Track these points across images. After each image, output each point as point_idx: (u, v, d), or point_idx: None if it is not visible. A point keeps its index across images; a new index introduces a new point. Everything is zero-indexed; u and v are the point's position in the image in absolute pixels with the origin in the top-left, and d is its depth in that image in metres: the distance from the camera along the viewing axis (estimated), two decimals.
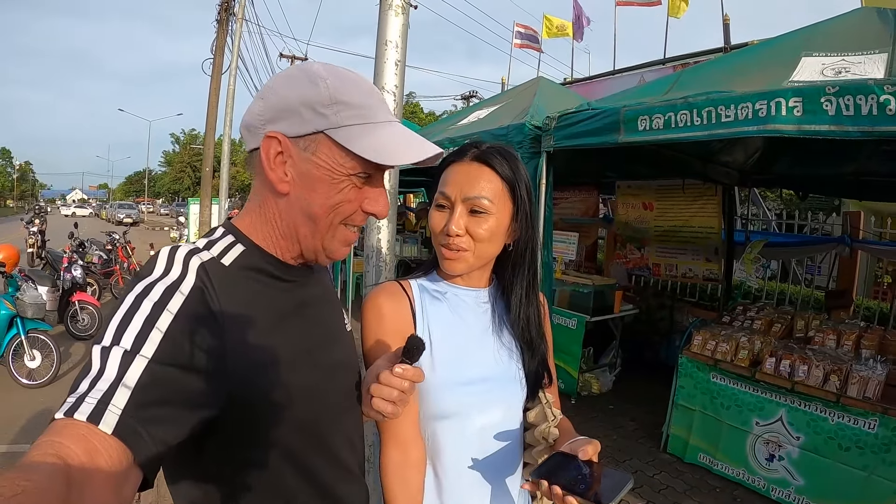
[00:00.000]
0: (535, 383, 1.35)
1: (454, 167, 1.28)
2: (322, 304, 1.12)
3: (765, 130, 3.01)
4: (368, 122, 0.93)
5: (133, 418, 0.71)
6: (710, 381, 4.24)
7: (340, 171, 0.93)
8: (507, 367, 1.32)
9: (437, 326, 1.31)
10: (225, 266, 0.93)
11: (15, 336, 5.82)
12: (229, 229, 1.00)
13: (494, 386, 1.29)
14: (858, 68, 2.94)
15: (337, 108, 0.91)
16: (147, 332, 0.78)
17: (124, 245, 11.57)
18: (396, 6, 2.55)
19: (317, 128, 0.91)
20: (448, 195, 1.26)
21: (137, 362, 0.75)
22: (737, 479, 4.07)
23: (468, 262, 1.27)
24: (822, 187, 6.80)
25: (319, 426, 1.03)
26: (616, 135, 3.82)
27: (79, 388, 0.73)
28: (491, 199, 1.23)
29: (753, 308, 5.00)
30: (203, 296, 0.86)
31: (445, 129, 6.52)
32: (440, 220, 1.27)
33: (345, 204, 0.96)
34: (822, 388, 3.64)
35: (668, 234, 6.83)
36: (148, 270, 0.87)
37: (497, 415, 1.30)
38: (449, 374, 1.26)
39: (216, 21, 15.78)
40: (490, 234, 1.24)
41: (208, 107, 15.79)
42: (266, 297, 0.96)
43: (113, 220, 40.81)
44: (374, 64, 2.64)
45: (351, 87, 0.93)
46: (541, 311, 1.40)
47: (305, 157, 0.93)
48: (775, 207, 12.42)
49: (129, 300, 0.82)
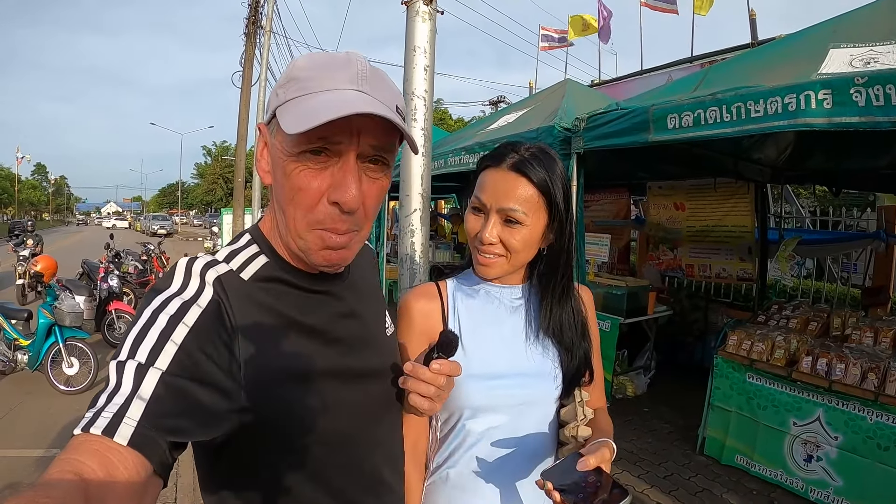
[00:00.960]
0: (572, 381, 1.33)
1: (491, 173, 1.26)
2: (356, 312, 1.06)
3: (795, 125, 2.97)
4: (307, 93, 0.84)
5: (148, 429, 0.72)
6: (747, 381, 4.18)
7: (286, 153, 0.87)
8: (541, 363, 1.31)
9: (467, 322, 1.32)
10: (243, 280, 0.92)
11: (53, 344, 5.98)
12: (254, 235, 0.99)
13: (526, 382, 1.29)
14: (887, 58, 2.89)
15: (288, 85, 0.86)
16: (162, 345, 0.78)
17: (159, 255, 11.87)
18: (424, 12, 2.60)
19: (271, 109, 0.89)
20: (483, 202, 1.25)
21: (151, 374, 0.75)
22: (775, 480, 4.00)
23: (502, 268, 1.28)
24: (856, 182, 6.67)
25: (351, 440, 1.00)
26: (646, 134, 3.81)
27: (97, 404, 0.74)
28: (525, 210, 1.22)
29: (789, 307, 4.92)
30: (219, 309, 0.85)
31: (475, 135, 6.54)
32: (475, 225, 1.27)
33: (299, 193, 0.87)
34: (859, 387, 3.57)
35: (700, 234, 6.76)
36: (165, 284, 0.87)
37: (528, 411, 1.30)
38: (478, 367, 1.26)
39: (244, 34, 16.04)
40: (523, 245, 1.24)
41: (239, 119, 16.05)
42: (286, 311, 0.93)
43: (147, 232, 41.61)
44: (403, 70, 2.69)
45: (313, 63, 0.88)
46: (580, 311, 1.37)
47: (272, 143, 0.91)
48: (808, 205, 12.21)
49: (145, 314, 0.82)
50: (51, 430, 5.04)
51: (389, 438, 1.12)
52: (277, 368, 0.89)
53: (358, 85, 0.86)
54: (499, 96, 28.93)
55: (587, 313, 1.41)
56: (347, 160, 0.87)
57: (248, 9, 15.83)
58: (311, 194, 0.87)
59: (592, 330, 1.41)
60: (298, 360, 0.92)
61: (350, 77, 0.86)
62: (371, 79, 0.87)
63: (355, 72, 0.86)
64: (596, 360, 1.40)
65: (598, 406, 1.42)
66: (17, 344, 6.05)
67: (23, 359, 6.05)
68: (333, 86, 0.85)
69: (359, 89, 0.85)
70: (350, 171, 0.86)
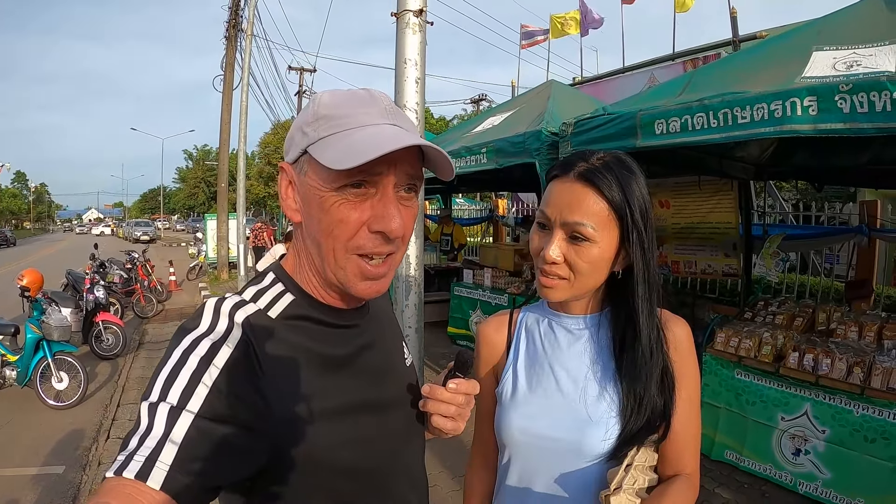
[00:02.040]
0: (635, 436, 1.12)
1: (557, 184, 1.14)
2: (379, 343, 1.07)
3: (781, 131, 3.02)
4: (344, 130, 0.86)
5: (181, 472, 0.72)
6: (735, 377, 4.25)
7: (324, 188, 0.87)
8: (593, 409, 1.14)
9: (522, 356, 1.25)
10: (272, 318, 0.92)
11: (42, 359, 5.94)
12: (278, 274, 0.99)
13: (566, 426, 1.15)
14: (870, 61, 2.94)
15: (318, 123, 0.88)
16: (193, 387, 0.79)
17: (144, 263, 11.76)
18: (414, 24, 2.60)
19: (301, 147, 0.89)
20: (548, 216, 1.13)
21: (184, 418, 0.76)
22: (764, 474, 4.07)
23: (565, 292, 1.14)
24: (838, 178, 6.76)
25: (378, 472, 1.00)
26: (633, 139, 3.84)
27: (129, 446, 0.74)
28: (595, 225, 1.08)
29: (774, 302, 5.00)
30: (248, 350, 0.85)
31: (460, 137, 6.55)
32: (538, 243, 1.15)
33: (339, 225, 0.87)
34: (846, 381, 3.64)
35: (685, 231, 6.82)
36: (194, 324, 0.87)
37: (568, 461, 1.15)
38: (522, 402, 1.21)
39: (225, 38, 15.95)
40: (591, 266, 1.10)
41: (221, 123, 15.98)
42: (314, 348, 0.94)
43: (130, 238, 41.25)
44: (395, 82, 2.70)
45: (340, 101, 0.90)
46: (662, 353, 1.15)
47: (302, 181, 0.91)
48: (791, 198, 12.34)
49: (175, 354, 0.83)
50: (44, 446, 5.02)
51: (413, 465, 1.12)
52: (306, 406, 0.89)
53: (390, 119, 0.90)
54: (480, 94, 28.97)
55: (678, 355, 1.18)
56: (386, 191, 0.88)
57: (228, 12, 15.74)
58: (352, 225, 0.88)
59: (685, 374, 1.18)
60: (326, 396, 0.92)
61: (380, 112, 0.89)
62: (397, 113, 0.92)
63: (383, 108, 0.90)
64: (687, 412, 1.17)
65: (676, 472, 1.19)
66: (5, 360, 6.00)
67: (11, 375, 5.99)
68: (370, 121, 0.88)
69: (394, 123, 0.89)
70: (390, 200, 0.88)
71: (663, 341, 1.16)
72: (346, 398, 0.96)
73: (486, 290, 7.45)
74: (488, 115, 7.09)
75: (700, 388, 1.24)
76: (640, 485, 1.10)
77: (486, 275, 7.52)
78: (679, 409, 1.15)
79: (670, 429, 1.15)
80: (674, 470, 1.18)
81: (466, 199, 18.18)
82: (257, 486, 0.89)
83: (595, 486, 1.12)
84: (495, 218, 13.77)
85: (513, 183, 10.24)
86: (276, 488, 0.89)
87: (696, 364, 1.22)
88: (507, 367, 1.27)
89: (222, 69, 16.15)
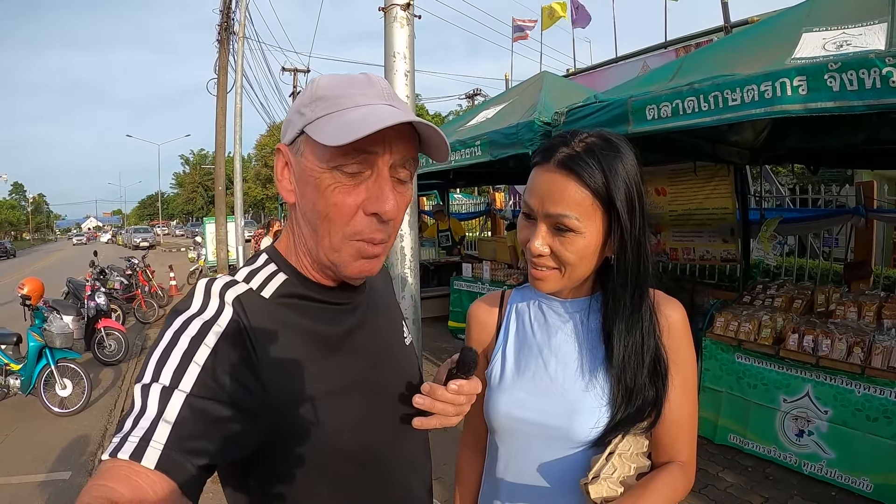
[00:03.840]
0: (620, 424, 1.08)
1: (539, 172, 1.08)
2: (375, 322, 1.07)
3: (772, 112, 3.02)
4: (340, 109, 0.87)
5: (175, 451, 0.73)
6: (735, 361, 4.26)
7: (319, 168, 0.87)
8: (580, 396, 1.11)
9: (514, 336, 1.23)
10: (265, 298, 0.92)
11: (45, 367, 5.93)
12: (271, 255, 0.99)
13: (552, 412, 1.12)
14: (859, 40, 2.94)
15: (315, 104, 0.88)
16: (185, 367, 0.79)
17: (144, 269, 11.76)
18: (402, 17, 2.60)
19: (298, 128, 0.90)
20: (531, 206, 1.08)
21: (176, 397, 0.77)
22: (768, 456, 4.09)
23: (557, 283, 1.11)
24: (834, 159, 6.76)
25: (378, 455, 1.00)
26: (625, 126, 3.84)
27: (124, 428, 0.75)
28: (579, 216, 1.03)
29: (773, 286, 5.01)
30: (239, 328, 0.85)
31: (454, 131, 6.55)
32: (525, 234, 1.11)
33: (334, 208, 0.88)
34: (846, 361, 3.65)
35: (682, 217, 6.82)
36: (185, 305, 0.88)
37: (554, 447, 1.13)
38: (508, 385, 1.19)
39: (217, 41, 15.91)
40: (579, 257, 1.06)
41: (216, 126, 15.93)
42: (308, 327, 0.94)
43: (130, 245, 41.27)
44: (384, 76, 2.70)
45: (338, 83, 0.90)
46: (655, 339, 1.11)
47: (297, 161, 0.91)
48: (788, 182, 12.34)
49: (167, 336, 0.83)
50: (49, 453, 5.02)
51: (415, 451, 1.11)
52: (300, 385, 0.89)
53: (387, 101, 0.90)
54: (474, 89, 28.93)
55: (672, 339, 1.14)
56: (381, 172, 0.88)
57: (220, 15, 15.70)
58: (347, 209, 0.88)
59: (680, 359, 1.13)
60: (321, 375, 0.92)
61: (377, 94, 0.90)
62: (394, 96, 0.93)
63: (380, 89, 0.91)
64: (680, 399, 1.12)
65: (669, 459, 1.13)
66: (9, 369, 6.00)
67: (15, 383, 6.00)
68: (366, 101, 0.88)
69: (389, 104, 0.90)
70: (385, 181, 0.88)
71: (655, 325, 1.12)
72: (340, 376, 0.95)
73: (485, 283, 7.47)
74: (482, 109, 7.09)
75: (696, 374, 1.20)
76: (626, 472, 1.07)
77: (484, 268, 7.54)
78: (672, 396, 1.10)
79: (662, 416, 1.10)
80: (667, 457, 1.13)
81: (464, 193, 18.20)
82: (254, 467, 0.89)
83: (583, 472, 1.08)
84: (493, 211, 13.78)
85: (509, 176, 10.23)
86: (272, 468, 0.90)
87: (692, 348, 1.17)
88: (497, 350, 1.25)
89: (216, 72, 16.08)
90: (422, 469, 1.13)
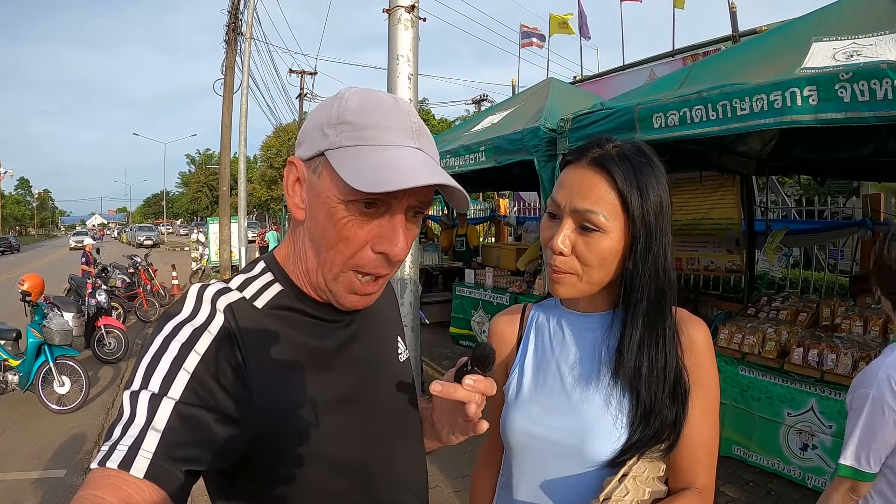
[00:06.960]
0: (635, 445, 1.04)
1: (570, 170, 1.07)
2: (366, 338, 1.04)
3: (782, 122, 2.98)
4: (368, 144, 0.83)
5: (164, 460, 0.73)
6: (739, 374, 4.21)
7: (336, 198, 0.84)
8: (598, 415, 1.07)
9: (530, 354, 1.20)
10: (257, 308, 0.91)
11: (43, 363, 5.94)
12: (269, 264, 0.98)
13: (567, 431, 1.09)
14: (870, 50, 2.91)
15: (341, 127, 0.85)
16: (175, 374, 0.79)
17: (146, 267, 11.76)
18: (406, 20, 2.58)
19: (319, 149, 0.86)
20: (558, 202, 1.06)
21: (165, 404, 0.76)
22: (772, 469, 4.03)
23: (574, 288, 1.07)
24: (841, 171, 6.72)
25: (366, 469, 0.98)
26: (632, 133, 3.79)
27: (112, 436, 0.75)
28: (607, 214, 1.00)
29: (778, 298, 4.96)
30: (230, 337, 0.85)
31: (460, 137, 6.53)
32: (548, 232, 1.08)
33: (344, 242, 0.86)
34: (851, 376, 3.59)
35: (687, 227, 6.78)
36: (176, 310, 0.87)
37: (569, 466, 1.09)
38: (524, 402, 1.16)
39: (224, 42, 15.97)
40: (600, 259, 1.03)
41: (222, 126, 15.99)
42: (300, 339, 0.92)
43: (134, 243, 41.40)
44: (387, 79, 2.67)
45: (366, 107, 0.86)
46: (675, 358, 1.07)
47: (313, 181, 0.88)
48: (794, 193, 12.28)
49: (157, 341, 0.83)
50: (46, 450, 5.02)
51: (407, 466, 1.08)
52: (288, 397, 0.89)
53: (415, 141, 0.87)
54: (481, 94, 29.00)
55: (694, 360, 1.09)
56: (396, 212, 0.87)
57: (227, 16, 15.76)
58: (356, 244, 0.86)
59: (702, 381, 1.08)
60: (310, 388, 0.91)
61: (406, 130, 0.87)
62: (422, 132, 0.89)
63: (409, 125, 0.87)
64: (700, 422, 1.07)
65: (687, 485, 1.09)
66: (7, 364, 6.00)
67: (13, 379, 5.99)
68: (394, 140, 0.85)
69: (418, 147, 0.87)
70: (400, 224, 0.87)
71: (677, 345, 1.08)
72: (330, 390, 0.94)
73: (487, 290, 7.41)
74: (487, 114, 7.07)
75: (718, 396, 1.14)
76: (640, 496, 1.02)
77: (487, 274, 7.48)
78: (692, 419, 1.06)
79: (681, 439, 1.05)
80: (685, 482, 1.09)
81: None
82: (239, 475, 0.88)
83: (596, 493, 1.04)
84: (497, 218, 13.75)
85: (514, 182, 10.20)
86: (257, 478, 0.89)
87: (715, 370, 1.12)
88: (515, 365, 1.22)
89: (222, 73, 16.17)
90: (416, 485, 1.10)
